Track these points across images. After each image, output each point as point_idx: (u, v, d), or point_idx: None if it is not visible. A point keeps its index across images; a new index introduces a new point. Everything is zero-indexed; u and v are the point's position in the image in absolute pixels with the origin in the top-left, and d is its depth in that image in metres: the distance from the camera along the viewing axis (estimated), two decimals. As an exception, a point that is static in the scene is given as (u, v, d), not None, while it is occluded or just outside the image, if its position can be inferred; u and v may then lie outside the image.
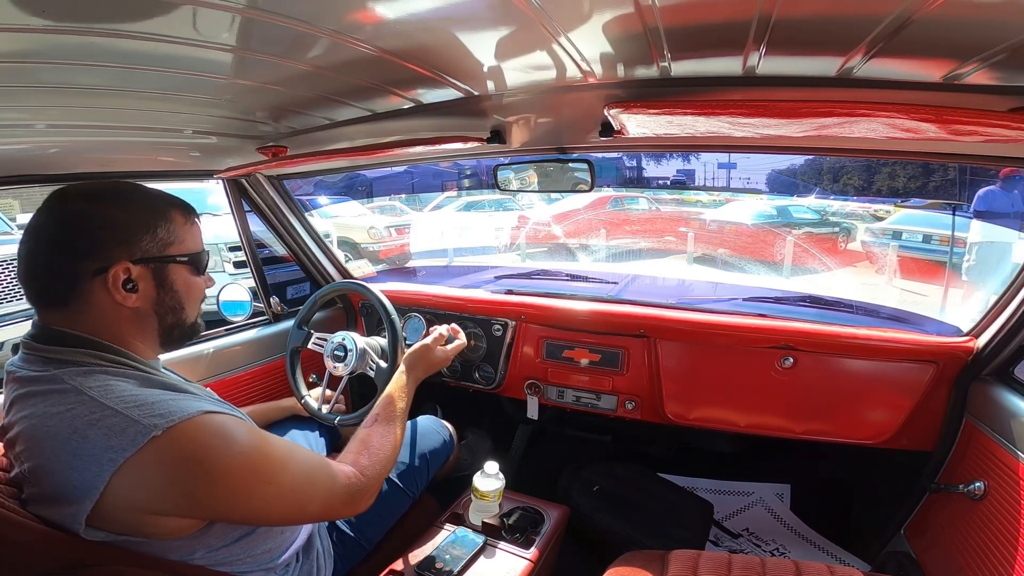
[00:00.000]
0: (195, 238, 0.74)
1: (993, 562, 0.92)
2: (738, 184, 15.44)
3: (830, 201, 9.57)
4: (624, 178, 14.75)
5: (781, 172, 13.31)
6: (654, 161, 16.21)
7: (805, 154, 1.08)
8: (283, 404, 1.29)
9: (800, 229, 6.91)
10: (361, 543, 0.97)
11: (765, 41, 0.59)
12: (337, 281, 1.75)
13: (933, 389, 1.15)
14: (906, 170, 11.38)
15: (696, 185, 15.29)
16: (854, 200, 10.10)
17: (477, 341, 1.56)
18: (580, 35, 0.61)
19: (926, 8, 0.47)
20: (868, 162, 10.86)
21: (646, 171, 16.32)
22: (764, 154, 1.11)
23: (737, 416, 1.32)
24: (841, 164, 12.60)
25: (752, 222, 7.28)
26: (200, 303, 0.77)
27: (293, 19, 0.54)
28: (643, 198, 9.66)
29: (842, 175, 13.32)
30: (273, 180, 1.55)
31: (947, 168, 8.54)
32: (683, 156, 14.95)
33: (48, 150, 1.00)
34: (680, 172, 16.92)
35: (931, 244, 5.03)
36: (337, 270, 1.81)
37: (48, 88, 0.68)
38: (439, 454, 1.19)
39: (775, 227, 6.92)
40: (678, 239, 7.13)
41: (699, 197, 11.66)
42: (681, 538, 1.31)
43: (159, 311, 0.70)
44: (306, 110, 0.95)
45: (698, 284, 3.24)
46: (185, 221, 0.72)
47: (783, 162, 13.71)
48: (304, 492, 0.69)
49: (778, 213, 7.58)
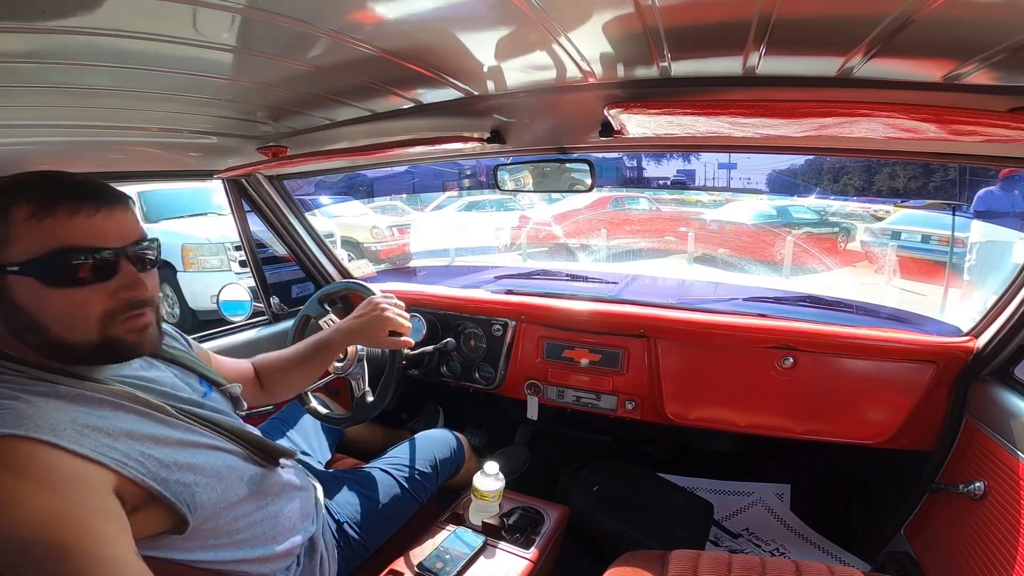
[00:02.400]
0: (46, 237, 0.54)
1: (993, 562, 0.92)
2: (738, 184, 15.78)
3: (830, 201, 9.74)
4: (624, 178, 15.04)
5: (781, 172, 13.59)
6: (654, 161, 16.62)
7: (805, 154, 1.09)
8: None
9: (800, 229, 6.99)
10: (366, 546, 0.97)
11: (765, 41, 0.59)
12: (338, 281, 1.76)
13: (933, 389, 1.15)
14: (906, 170, 11.46)
15: (696, 185, 15.61)
16: (854, 200, 10.27)
17: (477, 341, 1.56)
18: (580, 35, 0.61)
19: (926, 8, 0.47)
20: (868, 162, 11.02)
21: (646, 171, 16.70)
22: (764, 154, 1.11)
23: (737, 416, 1.32)
24: (841, 164, 12.80)
25: (752, 222, 7.36)
26: (99, 323, 0.57)
27: (293, 19, 0.54)
28: (643, 198, 9.75)
29: (842, 175, 13.48)
30: (273, 180, 1.55)
31: (947, 168, 8.64)
32: (683, 156, 15.42)
33: (48, 150, 1.00)
34: (680, 172, 17.34)
35: (930, 244, 5.08)
36: (337, 270, 1.82)
37: (48, 88, 0.68)
38: (448, 464, 1.19)
39: (775, 227, 7.00)
40: (678, 239, 7.20)
41: (699, 197, 11.84)
42: (681, 538, 1.31)
43: (13, 330, 0.56)
44: (306, 110, 0.95)
45: (698, 284, 3.25)
46: (31, 216, 0.54)
47: (783, 162, 13.98)
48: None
49: (778, 213, 7.66)
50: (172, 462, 0.60)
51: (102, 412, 0.57)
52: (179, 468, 0.60)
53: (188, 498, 0.60)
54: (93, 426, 0.54)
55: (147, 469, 0.56)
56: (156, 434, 0.60)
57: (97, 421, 0.55)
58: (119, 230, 0.59)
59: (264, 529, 0.73)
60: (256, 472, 0.73)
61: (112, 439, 0.55)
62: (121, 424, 0.57)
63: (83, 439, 0.52)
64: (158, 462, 0.58)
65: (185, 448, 0.63)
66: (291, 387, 1.02)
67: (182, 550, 0.62)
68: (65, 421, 0.52)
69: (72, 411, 0.54)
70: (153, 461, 0.58)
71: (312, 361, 0.99)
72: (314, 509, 0.88)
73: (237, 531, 0.69)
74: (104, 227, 0.57)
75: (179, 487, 0.59)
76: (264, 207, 1.60)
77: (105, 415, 0.57)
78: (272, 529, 0.75)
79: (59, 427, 0.51)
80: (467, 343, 1.58)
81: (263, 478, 0.74)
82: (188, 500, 0.60)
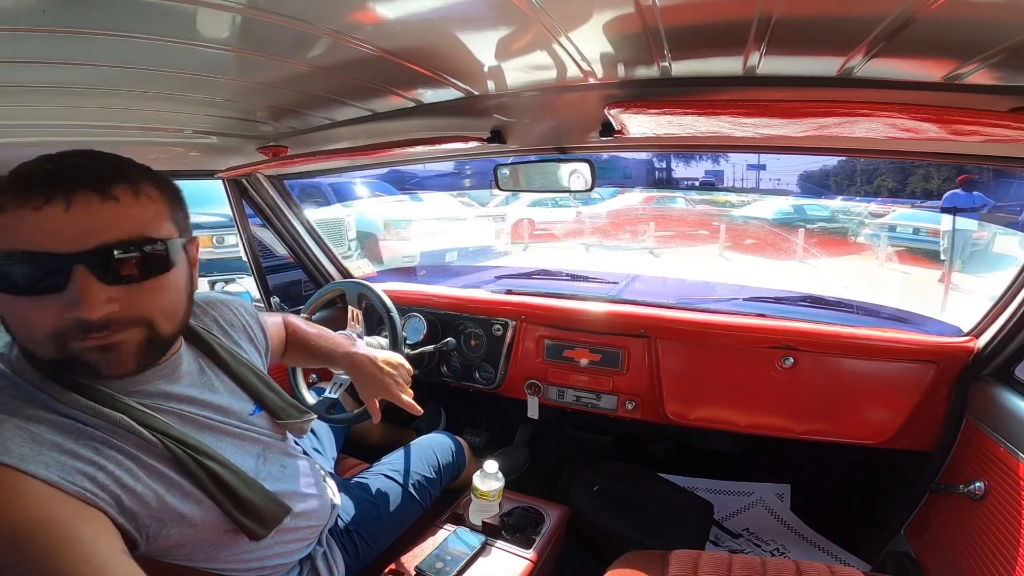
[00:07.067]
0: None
1: (993, 562, 0.92)
2: (768, 186, 17.18)
3: (849, 203, 11.15)
4: (655, 179, 16.46)
5: (812, 173, 14.57)
6: (683, 163, 18.16)
7: (805, 154, 1.08)
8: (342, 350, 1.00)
9: (815, 224, 8.32)
10: (372, 551, 0.97)
11: (766, 41, 0.59)
12: (339, 280, 1.76)
13: (933, 389, 1.15)
14: (939, 172, 11.74)
15: (725, 186, 17.14)
16: (877, 202, 11.27)
17: (477, 341, 1.56)
18: (580, 35, 0.61)
19: (926, 8, 0.47)
20: (902, 164, 11.44)
21: (675, 172, 18.11)
22: (766, 154, 1.11)
23: (737, 416, 1.32)
24: (875, 166, 13.42)
25: (772, 218, 8.81)
26: (54, 339, 0.49)
27: (293, 19, 0.54)
28: (680, 198, 11.42)
29: (876, 177, 13.94)
30: (273, 180, 1.55)
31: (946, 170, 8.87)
32: (713, 158, 16.98)
33: (48, 150, 1.00)
34: (709, 173, 18.88)
35: (920, 235, 6.33)
36: (337, 270, 1.82)
37: (48, 88, 0.68)
38: (450, 467, 1.19)
39: (792, 223, 8.34)
40: (711, 232, 8.52)
41: (728, 198, 13.10)
42: (681, 538, 1.31)
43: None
44: (306, 110, 0.95)
45: (698, 284, 3.25)
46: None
47: (812, 164, 14.89)
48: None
49: (794, 211, 9.35)
50: (148, 500, 0.54)
51: (82, 441, 0.52)
52: (152, 507, 0.54)
53: (155, 531, 0.55)
54: (72, 452, 0.50)
55: (120, 505, 0.52)
56: (138, 472, 0.54)
57: (76, 448, 0.51)
58: (80, 228, 0.47)
59: (255, 564, 0.69)
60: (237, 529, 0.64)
61: (86, 464, 0.50)
62: (103, 457, 0.52)
63: (53, 467, 0.47)
64: (137, 497, 0.53)
65: (171, 493, 0.56)
66: (296, 364, 1.12)
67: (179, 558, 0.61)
68: (40, 446, 0.48)
69: (52, 436, 0.50)
70: (130, 495, 0.52)
71: (318, 360, 1.03)
72: (319, 533, 0.84)
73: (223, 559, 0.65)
74: (55, 225, 0.46)
75: (148, 520, 0.54)
76: (264, 207, 1.60)
77: (87, 444, 0.52)
78: (267, 557, 0.71)
79: (29, 454, 0.47)
80: (467, 343, 1.58)
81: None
82: (153, 533, 0.55)
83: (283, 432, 0.80)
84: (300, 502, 0.76)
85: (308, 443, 1.17)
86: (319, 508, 0.82)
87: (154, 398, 0.61)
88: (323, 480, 0.90)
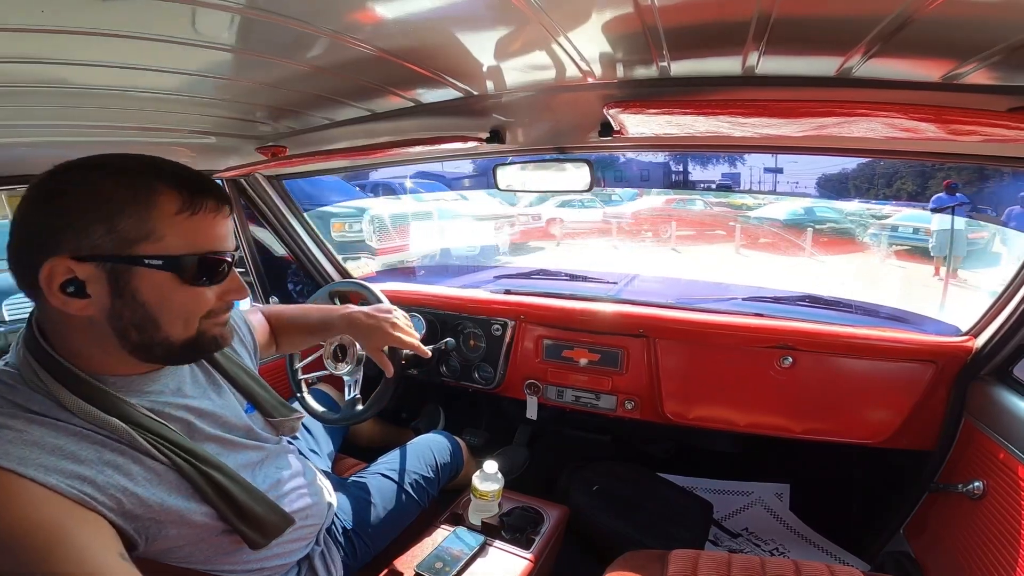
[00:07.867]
0: (196, 234, 0.55)
1: (992, 562, 0.92)
2: (785, 189, 18.19)
3: (861, 204, 12.07)
4: (672, 181, 17.44)
5: (830, 177, 15.64)
6: (700, 165, 19.15)
7: (805, 154, 1.09)
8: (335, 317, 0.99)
9: (824, 224, 9.27)
10: (370, 551, 0.97)
11: (764, 41, 0.59)
12: (338, 281, 1.76)
13: (932, 389, 1.16)
14: (962, 174, 12.00)
15: (741, 188, 18.09)
16: (892, 204, 12.06)
17: (476, 341, 1.56)
18: (579, 35, 0.61)
19: (925, 8, 0.47)
20: (923, 168, 11.85)
21: (692, 175, 19.14)
22: (765, 154, 1.11)
23: (736, 416, 1.32)
24: (894, 169, 13.88)
25: (784, 219, 9.75)
26: (200, 319, 0.59)
27: (293, 19, 0.54)
28: (699, 200, 12.37)
29: (896, 180, 14.30)
30: (272, 180, 1.55)
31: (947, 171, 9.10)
32: (729, 160, 18.00)
33: (48, 150, 1.00)
34: (726, 176, 19.81)
35: (918, 234, 7.01)
36: (336, 270, 1.82)
37: (48, 88, 0.68)
38: (448, 468, 1.19)
39: (802, 224, 9.10)
40: (727, 232, 9.51)
41: (744, 200, 13.92)
42: (681, 538, 1.31)
43: (117, 326, 0.54)
44: (305, 110, 0.95)
45: (697, 284, 3.25)
46: (182, 209, 0.54)
47: (832, 166, 15.52)
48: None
49: (804, 212, 10.16)
50: (150, 503, 0.55)
51: (84, 445, 0.53)
52: (153, 510, 0.56)
53: (154, 532, 0.56)
54: (73, 456, 0.51)
55: (120, 508, 0.53)
56: (141, 476, 0.56)
57: (79, 451, 0.52)
58: (230, 234, 0.61)
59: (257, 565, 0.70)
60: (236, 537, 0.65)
61: (87, 468, 0.52)
62: (104, 461, 0.53)
63: (52, 472, 0.49)
64: (138, 500, 0.54)
65: (172, 498, 0.58)
66: (294, 348, 1.11)
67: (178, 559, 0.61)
68: (40, 450, 0.50)
69: (54, 440, 0.51)
70: (131, 498, 0.54)
71: (315, 334, 1.03)
72: (317, 533, 0.85)
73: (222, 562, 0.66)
74: (227, 230, 0.60)
75: (148, 523, 0.56)
76: (263, 207, 1.60)
77: (89, 448, 0.53)
78: (266, 559, 0.72)
79: (28, 458, 0.48)
80: (467, 343, 1.58)
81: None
82: (152, 534, 0.56)
83: (277, 433, 0.81)
84: (297, 502, 0.77)
85: (303, 443, 1.17)
86: (316, 509, 0.82)
87: (157, 399, 0.62)
88: (318, 480, 0.90)
